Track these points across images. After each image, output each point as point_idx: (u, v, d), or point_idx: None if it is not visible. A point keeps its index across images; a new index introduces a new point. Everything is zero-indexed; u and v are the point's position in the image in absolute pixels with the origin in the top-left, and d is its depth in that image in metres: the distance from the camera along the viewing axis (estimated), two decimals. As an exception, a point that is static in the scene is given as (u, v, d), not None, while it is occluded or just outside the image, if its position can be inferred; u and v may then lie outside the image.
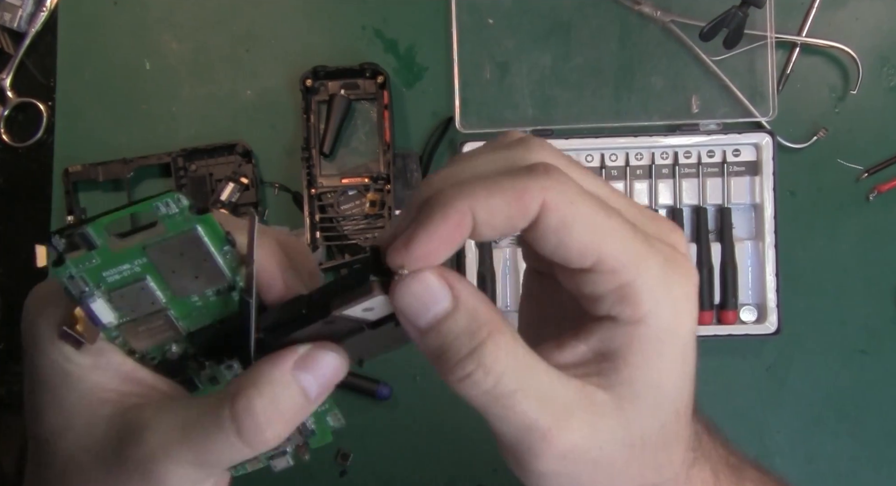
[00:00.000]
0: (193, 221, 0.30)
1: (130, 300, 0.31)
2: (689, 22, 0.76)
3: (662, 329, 0.30)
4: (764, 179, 0.76)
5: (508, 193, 0.27)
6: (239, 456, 0.30)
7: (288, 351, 0.30)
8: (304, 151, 0.78)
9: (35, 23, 0.81)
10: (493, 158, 0.30)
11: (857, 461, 0.77)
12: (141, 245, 0.30)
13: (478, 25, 0.79)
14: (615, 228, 0.28)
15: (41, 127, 0.81)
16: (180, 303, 0.31)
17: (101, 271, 0.30)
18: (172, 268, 0.30)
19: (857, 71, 0.76)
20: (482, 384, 0.28)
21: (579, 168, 0.30)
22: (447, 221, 0.27)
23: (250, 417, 0.29)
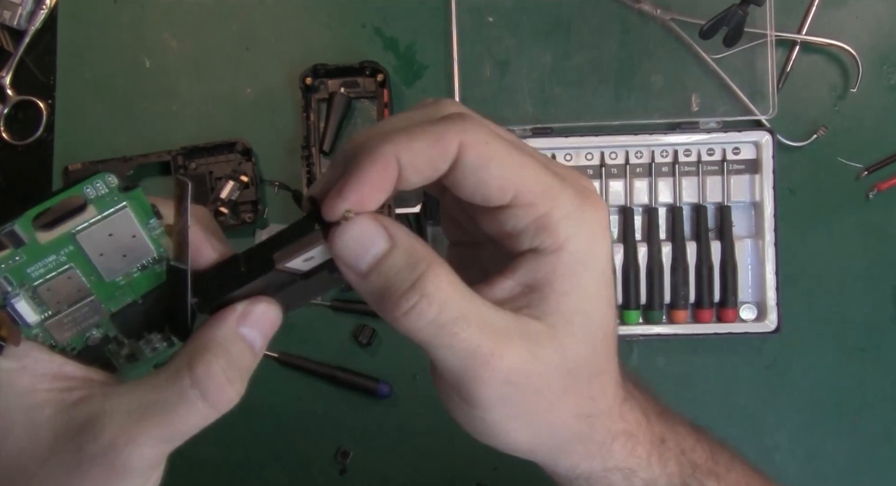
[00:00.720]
0: (122, 199, 0.29)
1: (56, 293, 0.30)
2: (689, 20, 0.76)
3: (582, 255, 0.31)
4: (764, 177, 0.76)
5: (429, 136, 0.30)
6: (205, 422, 0.31)
7: (228, 310, 0.31)
8: (304, 149, 0.78)
9: (35, 21, 0.81)
10: (411, 115, 0.32)
11: (856, 459, 0.77)
12: (70, 233, 0.29)
13: (478, 24, 0.78)
14: (529, 163, 0.30)
15: (41, 125, 0.81)
16: (105, 286, 0.31)
17: (25, 269, 0.29)
18: (100, 250, 0.30)
19: (857, 69, 0.76)
20: (426, 314, 0.29)
21: (490, 123, 0.32)
22: (375, 166, 0.29)
23: (212, 379, 0.30)
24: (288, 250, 0.31)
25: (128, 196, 0.29)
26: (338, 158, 0.32)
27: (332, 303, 0.79)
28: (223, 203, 0.78)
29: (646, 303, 0.77)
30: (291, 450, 0.79)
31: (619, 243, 0.77)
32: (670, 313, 0.77)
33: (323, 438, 0.79)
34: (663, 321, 0.77)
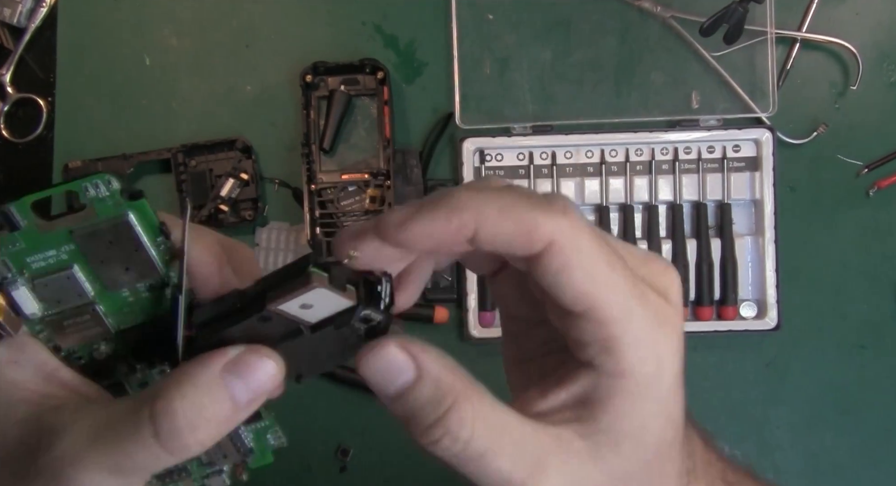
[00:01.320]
0: (125, 207, 0.28)
1: (56, 290, 0.28)
2: (689, 17, 0.76)
3: (644, 383, 0.29)
4: (764, 174, 0.76)
5: (521, 220, 0.27)
6: (158, 462, 0.28)
7: (217, 352, 0.28)
8: (304, 146, 0.78)
9: (35, 18, 0.81)
10: (513, 187, 0.30)
11: (856, 457, 0.77)
12: (68, 229, 0.28)
13: (478, 21, 0.78)
14: (615, 281, 0.28)
15: (41, 123, 0.81)
16: (110, 297, 0.29)
17: (25, 256, 0.28)
18: (102, 257, 0.28)
19: (857, 66, 0.76)
20: (451, 449, 0.28)
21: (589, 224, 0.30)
22: (450, 219, 0.27)
23: (169, 419, 0.27)
24: (280, 290, 0.28)
25: (131, 205, 0.28)
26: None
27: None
28: (223, 201, 0.78)
29: (646, 300, 0.77)
30: (291, 447, 0.79)
31: (619, 240, 0.77)
32: (670, 310, 0.77)
33: (323, 435, 0.79)
34: (663, 319, 0.77)
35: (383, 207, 0.77)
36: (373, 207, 0.77)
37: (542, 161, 0.78)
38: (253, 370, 0.28)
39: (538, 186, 0.77)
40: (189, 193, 0.80)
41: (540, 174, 0.78)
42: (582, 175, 0.78)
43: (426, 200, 0.29)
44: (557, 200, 0.29)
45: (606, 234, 0.30)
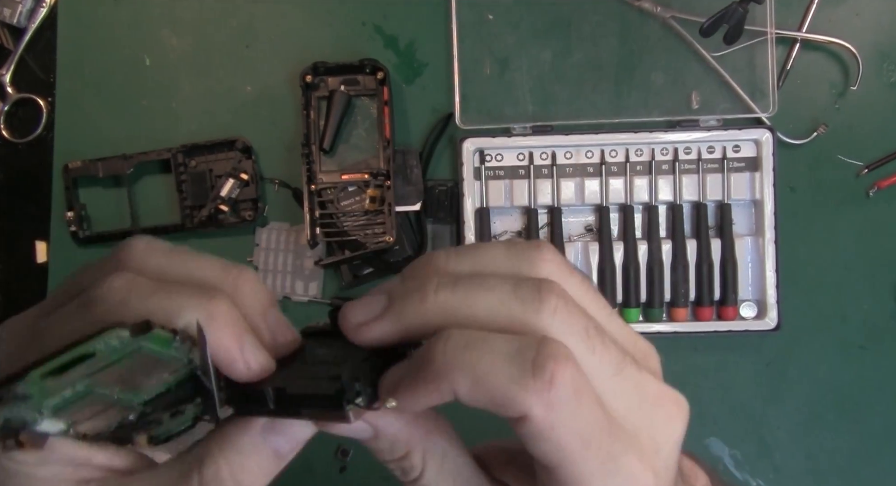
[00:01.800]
0: (138, 343, 0.27)
1: (79, 410, 0.28)
2: (689, 18, 0.76)
3: None
4: (764, 174, 0.76)
5: (495, 394, 0.26)
6: None
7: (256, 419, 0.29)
8: (304, 147, 0.78)
9: (35, 18, 0.81)
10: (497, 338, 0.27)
11: (856, 457, 0.77)
12: (83, 378, 0.28)
13: (478, 21, 0.78)
14: (585, 458, 0.27)
15: (41, 123, 0.81)
16: (133, 393, 0.30)
17: (40, 406, 0.27)
18: (122, 379, 0.28)
19: (857, 67, 0.76)
20: (404, 480, 0.30)
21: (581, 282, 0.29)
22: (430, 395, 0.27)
23: (218, 484, 0.28)
24: (316, 413, 0.29)
25: (144, 339, 0.27)
26: (390, 289, 0.29)
27: (332, 300, 0.79)
28: (223, 201, 0.78)
29: (646, 301, 0.77)
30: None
31: (619, 240, 0.77)
32: (670, 311, 0.77)
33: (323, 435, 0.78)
34: (663, 319, 0.77)
35: (383, 207, 0.77)
36: (373, 207, 0.77)
37: (542, 161, 0.78)
38: (291, 430, 0.30)
39: (538, 186, 0.77)
40: (189, 193, 0.80)
41: (540, 174, 0.78)
42: (582, 175, 0.78)
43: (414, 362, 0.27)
44: (547, 364, 0.26)
45: (623, 365, 0.28)
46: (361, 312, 0.28)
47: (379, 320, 0.28)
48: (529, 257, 0.29)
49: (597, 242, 0.77)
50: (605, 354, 0.28)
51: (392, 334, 0.28)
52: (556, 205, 0.77)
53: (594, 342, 0.27)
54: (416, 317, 0.28)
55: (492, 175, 0.78)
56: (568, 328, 0.27)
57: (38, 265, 0.81)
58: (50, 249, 0.82)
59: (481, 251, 0.29)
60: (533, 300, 0.27)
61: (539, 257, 0.29)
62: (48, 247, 0.82)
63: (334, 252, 0.77)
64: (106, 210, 0.81)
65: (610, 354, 0.28)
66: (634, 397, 0.28)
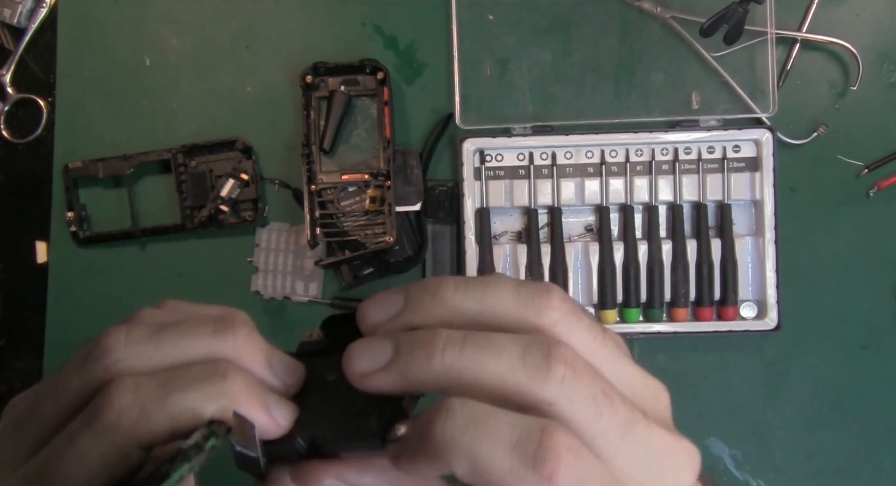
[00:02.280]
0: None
1: None
2: (690, 18, 0.76)
3: None
4: (764, 175, 0.76)
5: (490, 483, 0.26)
6: None
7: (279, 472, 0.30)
8: (304, 147, 0.78)
9: (35, 19, 0.81)
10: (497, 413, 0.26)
11: (856, 457, 0.77)
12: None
13: (478, 21, 0.78)
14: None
15: (41, 123, 0.81)
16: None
17: None
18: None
19: (857, 67, 0.76)
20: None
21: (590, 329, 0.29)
22: (429, 467, 0.26)
23: None
24: (352, 448, 0.29)
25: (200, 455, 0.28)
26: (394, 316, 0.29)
27: (332, 301, 0.79)
28: (223, 201, 0.78)
29: (646, 301, 0.77)
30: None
31: (619, 241, 0.77)
32: (671, 311, 0.77)
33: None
34: (664, 319, 0.77)
35: (383, 207, 0.77)
36: (373, 208, 0.77)
37: (543, 161, 0.78)
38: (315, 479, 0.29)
39: (538, 186, 0.77)
40: (189, 194, 0.80)
41: (540, 175, 0.78)
42: (582, 175, 0.78)
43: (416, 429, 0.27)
44: (548, 458, 0.25)
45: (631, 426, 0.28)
46: (367, 361, 0.28)
47: (383, 372, 0.27)
48: (537, 302, 0.28)
49: (597, 242, 0.77)
50: (612, 417, 0.27)
51: (395, 388, 0.28)
52: (556, 205, 0.77)
53: (602, 408, 0.27)
54: (421, 375, 0.27)
55: (492, 175, 0.78)
56: (576, 396, 0.27)
57: (38, 266, 0.81)
58: (50, 249, 0.82)
59: (490, 290, 0.29)
60: (540, 368, 0.26)
61: (547, 304, 0.28)
62: (48, 247, 0.81)
63: (334, 252, 0.77)
64: (106, 210, 0.81)
65: (618, 416, 0.27)
66: (643, 455, 0.28)
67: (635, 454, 0.27)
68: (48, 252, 0.81)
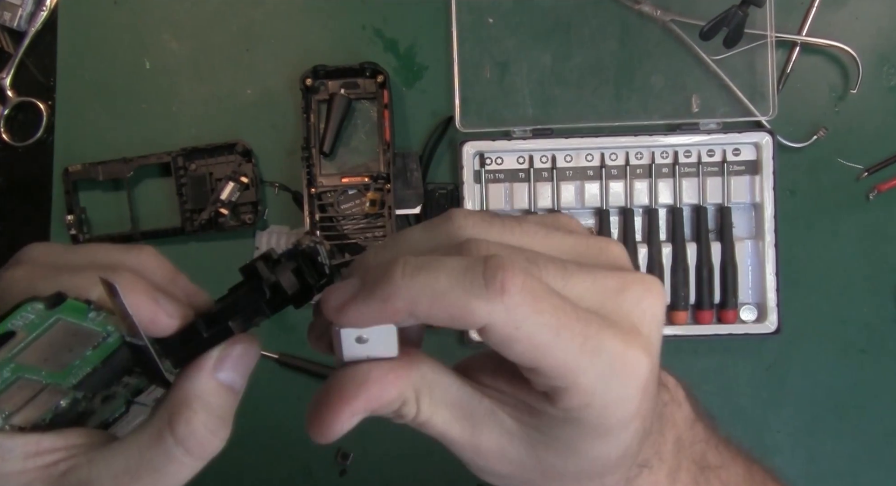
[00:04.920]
0: (54, 315, 0.28)
1: (9, 399, 0.29)
2: (689, 21, 0.76)
3: (590, 425, 0.30)
4: (764, 178, 0.76)
5: (453, 308, 0.28)
6: (195, 471, 0.31)
7: (204, 359, 0.31)
8: (304, 150, 0.78)
9: (35, 22, 0.81)
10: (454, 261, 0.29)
11: (857, 460, 0.77)
12: (7, 358, 0.28)
13: (478, 25, 0.79)
14: (560, 345, 0.28)
15: (41, 126, 0.81)
16: (59, 374, 0.30)
17: None
18: (44, 357, 0.29)
19: (857, 70, 0.76)
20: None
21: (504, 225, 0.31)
22: (384, 308, 0.28)
23: (194, 436, 0.30)
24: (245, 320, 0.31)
25: (58, 311, 0.28)
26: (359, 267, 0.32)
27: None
28: (223, 204, 0.78)
29: (646, 304, 0.77)
30: (291, 451, 0.79)
31: (619, 244, 0.77)
32: (670, 314, 0.77)
33: (323, 439, 0.78)
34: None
35: (383, 210, 0.77)
36: (373, 211, 0.77)
37: (542, 164, 0.78)
38: (239, 361, 0.31)
39: (538, 189, 0.77)
40: (189, 197, 0.80)
41: (540, 178, 0.78)
42: (582, 179, 0.78)
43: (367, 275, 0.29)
44: (496, 274, 0.27)
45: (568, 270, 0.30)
46: (339, 295, 0.30)
47: (354, 301, 0.29)
48: (446, 229, 0.31)
49: (597, 245, 0.77)
50: (545, 271, 0.29)
51: (368, 316, 0.29)
52: (556, 208, 0.77)
53: (531, 268, 0.29)
54: (386, 295, 0.29)
55: (492, 178, 0.78)
56: (514, 301, 0.28)
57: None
58: None
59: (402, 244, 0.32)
60: (478, 284, 0.28)
61: (457, 225, 0.31)
62: None
63: (335, 255, 0.77)
64: (106, 213, 0.81)
65: (549, 268, 0.29)
66: (595, 293, 0.30)
67: (586, 295, 0.29)
68: None
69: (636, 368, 0.30)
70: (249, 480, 0.79)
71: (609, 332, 0.29)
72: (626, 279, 0.30)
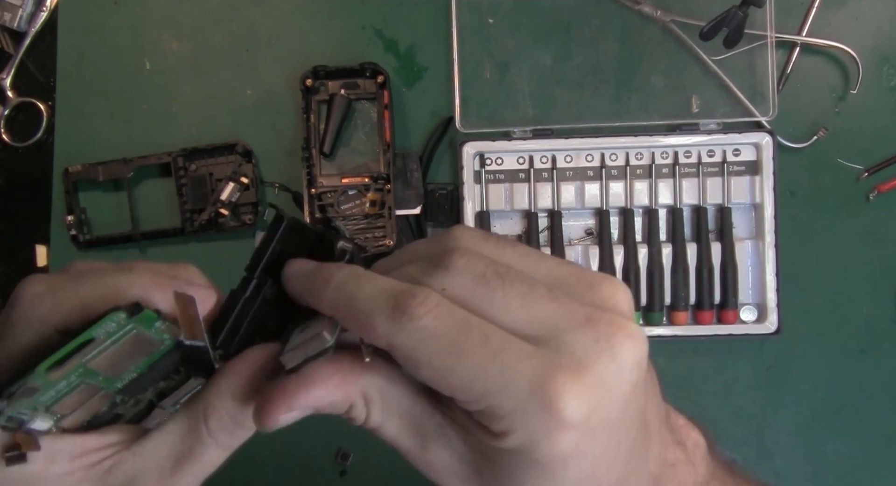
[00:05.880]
0: (130, 324, 0.29)
1: (68, 404, 0.30)
2: (689, 21, 0.76)
3: (522, 457, 0.28)
4: (764, 178, 0.76)
5: (360, 317, 0.29)
6: (223, 459, 0.34)
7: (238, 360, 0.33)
8: (305, 150, 0.78)
9: (35, 22, 0.81)
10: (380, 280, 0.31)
11: (856, 461, 0.77)
12: (81, 364, 0.29)
13: (478, 25, 0.79)
14: (462, 369, 0.28)
15: (41, 127, 0.81)
16: (113, 379, 0.31)
17: (38, 399, 0.29)
18: (111, 364, 0.30)
19: (857, 70, 0.76)
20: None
21: (498, 243, 0.31)
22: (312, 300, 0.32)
23: (224, 429, 0.33)
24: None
25: (135, 320, 0.29)
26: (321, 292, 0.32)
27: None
28: (223, 205, 0.78)
29: (646, 304, 0.77)
30: (291, 451, 0.79)
31: (619, 244, 0.77)
32: (671, 314, 0.77)
33: (323, 439, 0.79)
34: (664, 323, 0.77)
35: (383, 210, 0.77)
36: (373, 211, 0.77)
37: (543, 165, 0.78)
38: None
39: (538, 190, 0.77)
40: (189, 197, 0.80)
41: (540, 178, 0.78)
42: (582, 179, 0.78)
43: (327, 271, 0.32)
44: (408, 298, 0.28)
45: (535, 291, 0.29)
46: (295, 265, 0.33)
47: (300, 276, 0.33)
48: (443, 243, 0.32)
49: (597, 245, 0.77)
50: (507, 290, 0.29)
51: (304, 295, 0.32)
52: (556, 208, 0.77)
53: (494, 283, 0.29)
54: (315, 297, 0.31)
55: (492, 179, 0.78)
56: (463, 279, 0.29)
57: (38, 269, 0.81)
58: (50, 252, 0.81)
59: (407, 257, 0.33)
60: (436, 264, 0.30)
61: (453, 238, 0.32)
62: (48, 251, 0.81)
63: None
64: (106, 214, 0.81)
65: (514, 289, 0.29)
66: (553, 320, 0.29)
67: (536, 315, 0.29)
68: (48, 256, 0.81)
69: (561, 404, 0.27)
70: (250, 479, 0.79)
71: (533, 362, 0.27)
72: (600, 318, 0.29)
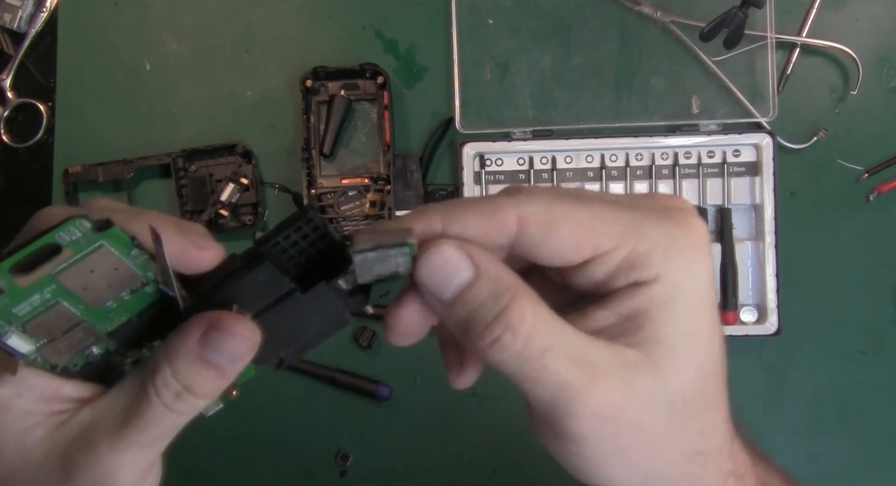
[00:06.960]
0: (99, 239, 0.29)
1: (46, 325, 0.30)
2: (690, 22, 0.76)
3: (678, 281, 0.30)
4: (764, 179, 0.76)
5: (482, 210, 0.29)
6: (176, 425, 0.31)
7: (193, 323, 0.30)
8: (305, 151, 0.78)
9: (35, 23, 0.81)
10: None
11: (856, 462, 0.77)
12: (49, 274, 0.29)
13: (478, 26, 0.79)
14: (599, 212, 0.29)
15: (41, 128, 0.81)
16: (96, 312, 0.31)
17: (10, 309, 0.29)
18: (84, 285, 0.30)
19: (857, 71, 0.76)
20: (511, 347, 0.28)
21: (552, 189, 0.32)
22: (415, 224, 0.30)
23: (169, 390, 0.30)
24: (279, 230, 0.32)
25: (104, 236, 0.29)
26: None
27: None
28: (223, 206, 0.78)
29: (646, 305, 0.77)
30: (291, 452, 0.79)
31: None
32: (671, 315, 0.77)
33: (323, 440, 0.79)
34: (664, 324, 0.77)
35: (383, 211, 0.77)
36: (373, 212, 0.77)
37: (543, 166, 0.78)
38: (226, 340, 0.30)
39: (538, 190, 0.77)
40: (189, 198, 0.80)
41: (540, 179, 0.78)
42: (582, 180, 0.78)
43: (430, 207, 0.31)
44: (510, 187, 0.31)
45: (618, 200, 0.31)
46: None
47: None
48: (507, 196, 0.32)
49: (597, 246, 0.77)
50: (591, 200, 0.31)
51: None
52: (556, 209, 0.77)
53: (573, 194, 0.31)
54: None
55: (492, 179, 0.78)
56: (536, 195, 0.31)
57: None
58: None
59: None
60: (496, 194, 0.31)
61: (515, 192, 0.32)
62: None
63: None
64: (106, 215, 0.81)
65: (593, 199, 0.31)
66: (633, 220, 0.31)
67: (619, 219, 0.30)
68: None
69: (690, 223, 0.30)
70: (250, 480, 0.79)
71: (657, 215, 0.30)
72: (674, 212, 0.31)
